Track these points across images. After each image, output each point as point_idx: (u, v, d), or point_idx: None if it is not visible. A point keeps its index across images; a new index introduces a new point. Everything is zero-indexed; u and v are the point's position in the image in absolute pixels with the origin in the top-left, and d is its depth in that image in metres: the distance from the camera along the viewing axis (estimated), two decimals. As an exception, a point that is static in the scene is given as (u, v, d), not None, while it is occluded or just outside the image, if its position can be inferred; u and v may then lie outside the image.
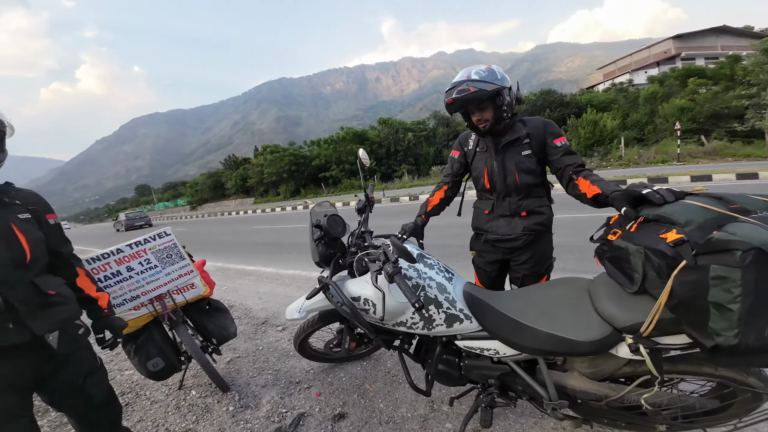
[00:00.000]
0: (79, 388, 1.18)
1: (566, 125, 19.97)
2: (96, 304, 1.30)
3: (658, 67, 28.90)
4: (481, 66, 1.37)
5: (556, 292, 1.18)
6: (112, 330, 1.34)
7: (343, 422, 1.62)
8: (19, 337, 1.00)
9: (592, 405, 1.08)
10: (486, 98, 1.32)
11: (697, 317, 0.76)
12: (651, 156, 15.28)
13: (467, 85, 1.32)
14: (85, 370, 1.21)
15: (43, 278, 1.10)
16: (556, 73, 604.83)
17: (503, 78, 1.36)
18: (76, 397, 1.19)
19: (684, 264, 0.75)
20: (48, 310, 1.06)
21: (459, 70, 1.43)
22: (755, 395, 0.96)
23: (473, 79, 1.32)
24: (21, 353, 1.03)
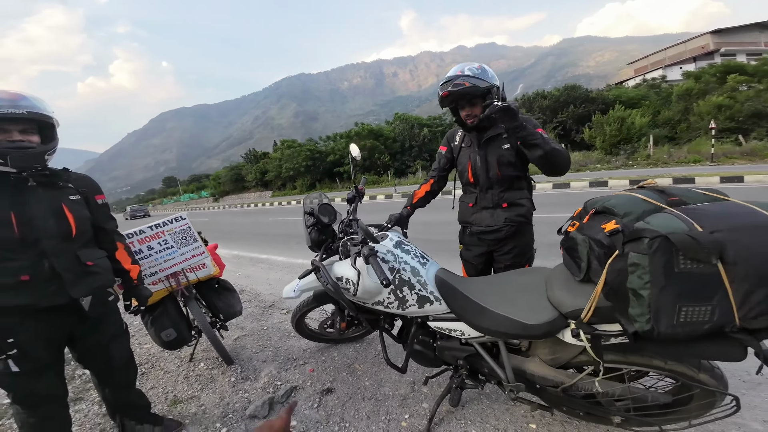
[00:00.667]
0: (104, 348, 1.37)
1: (591, 122, 19.13)
2: (128, 275, 1.48)
3: (695, 63, 27.01)
4: (473, 64, 1.46)
5: (519, 280, 1.25)
6: (138, 298, 1.54)
7: (329, 396, 1.76)
8: (59, 299, 1.18)
9: (550, 391, 1.15)
10: (478, 94, 1.40)
11: (623, 304, 0.81)
12: (682, 155, 14.40)
13: (462, 80, 1.39)
14: (111, 333, 1.39)
15: (85, 251, 1.27)
16: (584, 67, 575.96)
17: (493, 77, 1.44)
18: (100, 357, 1.38)
19: (617, 253, 0.81)
20: (85, 278, 1.24)
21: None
22: (708, 393, 0.97)
23: (467, 74, 1.40)
24: (59, 313, 1.20)
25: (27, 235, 1.12)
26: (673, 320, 0.75)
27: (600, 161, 16.08)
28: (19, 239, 1.11)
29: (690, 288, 0.73)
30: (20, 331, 1.13)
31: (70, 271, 1.19)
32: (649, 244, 0.73)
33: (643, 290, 0.75)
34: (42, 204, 1.17)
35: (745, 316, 0.72)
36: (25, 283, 1.12)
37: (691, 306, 0.73)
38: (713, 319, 0.74)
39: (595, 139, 18.21)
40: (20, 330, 1.13)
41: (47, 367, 1.22)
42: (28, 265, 1.13)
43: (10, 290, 1.10)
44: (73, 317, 1.25)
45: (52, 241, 1.16)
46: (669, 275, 0.73)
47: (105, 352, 1.38)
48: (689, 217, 0.75)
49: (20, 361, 1.13)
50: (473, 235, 1.67)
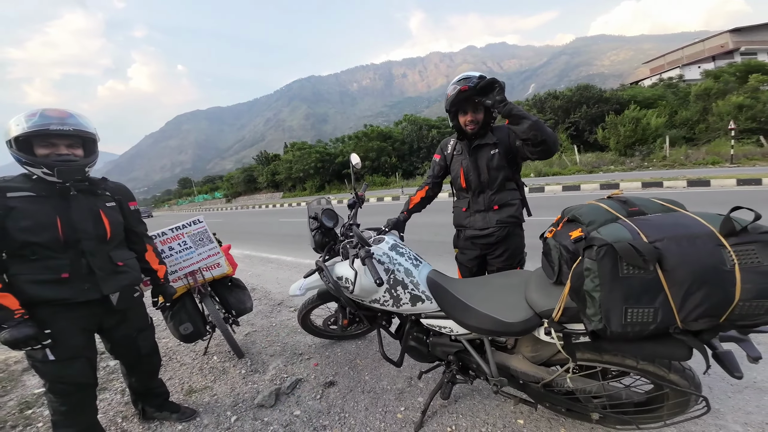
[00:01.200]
0: (133, 340, 1.52)
1: (604, 122, 18.71)
2: (156, 274, 1.64)
3: (714, 62, 26.07)
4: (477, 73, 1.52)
5: (502, 282, 1.34)
6: (165, 295, 1.70)
7: (332, 389, 1.88)
8: (93, 295, 1.32)
9: (532, 387, 1.23)
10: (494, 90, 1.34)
11: (582, 305, 0.89)
12: (700, 156, 13.96)
13: (477, 79, 1.41)
14: (139, 326, 1.55)
15: (117, 252, 1.42)
16: (598, 66, 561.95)
17: None
18: (130, 347, 1.53)
19: (579, 258, 0.89)
20: (116, 276, 1.39)
21: (489, 64, 1.61)
22: (680, 393, 1.03)
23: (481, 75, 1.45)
24: (91, 307, 1.34)
25: (69, 237, 1.26)
26: (622, 320, 0.83)
27: (614, 162, 15.74)
28: (62, 241, 1.25)
29: (634, 291, 0.81)
30: (57, 322, 1.25)
31: (103, 269, 1.34)
32: (597, 251, 0.82)
33: (595, 292, 0.84)
34: (83, 210, 1.32)
35: (686, 319, 0.79)
36: (65, 280, 1.25)
37: (636, 308, 0.81)
38: (657, 320, 0.81)
39: (609, 140, 17.81)
40: (57, 321, 1.25)
41: (80, 357, 1.34)
42: (69, 263, 1.27)
43: (52, 285, 1.24)
44: (103, 311, 1.39)
45: (90, 242, 1.31)
46: (614, 279, 0.81)
47: (134, 343, 1.53)
48: (638, 227, 0.83)
49: (56, 350, 1.24)
50: (467, 239, 1.76)
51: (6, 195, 1.21)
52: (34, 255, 1.22)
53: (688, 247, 0.78)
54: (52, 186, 1.27)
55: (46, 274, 1.23)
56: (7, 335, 1.14)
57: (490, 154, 1.61)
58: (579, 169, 15.46)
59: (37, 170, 1.23)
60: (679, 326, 0.81)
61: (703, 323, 0.78)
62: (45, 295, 1.23)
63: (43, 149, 1.24)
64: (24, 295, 1.20)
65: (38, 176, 1.24)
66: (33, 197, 1.24)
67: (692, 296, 0.77)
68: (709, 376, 1.59)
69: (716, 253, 0.76)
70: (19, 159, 1.23)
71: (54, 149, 1.25)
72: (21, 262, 1.22)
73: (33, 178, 1.26)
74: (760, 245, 0.75)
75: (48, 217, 1.24)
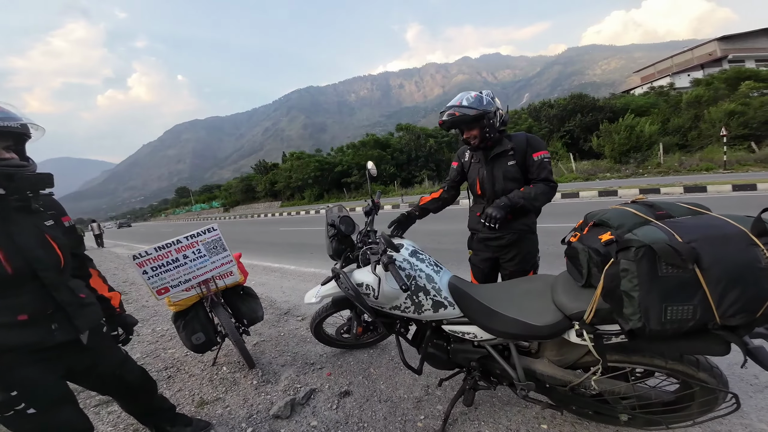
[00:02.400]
0: (118, 377, 1.32)
1: (599, 130, 19.08)
2: (109, 303, 1.37)
3: (703, 70, 26.85)
4: (471, 93, 1.65)
5: (526, 286, 1.35)
6: (124, 327, 1.43)
7: (347, 398, 1.85)
8: (63, 336, 1.08)
9: (559, 390, 1.23)
10: (471, 120, 1.59)
11: (619, 305, 0.91)
12: (694, 163, 14.22)
13: (454, 110, 1.60)
14: (119, 360, 1.34)
15: (74, 282, 1.18)
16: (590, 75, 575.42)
17: (489, 104, 1.61)
18: (117, 384, 1.34)
19: (612, 260, 0.91)
20: (83, 311, 1.15)
21: (484, 74, 1.72)
22: (708, 391, 1.04)
23: (462, 105, 1.60)
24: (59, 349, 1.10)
25: (19, 269, 0.99)
26: (661, 318, 0.84)
27: (609, 170, 15.97)
28: (11, 275, 0.98)
29: (673, 290, 0.83)
30: (22, 369, 1.02)
31: (71, 304, 1.11)
32: (635, 252, 0.84)
33: (633, 292, 0.86)
34: (27, 232, 1.04)
35: (723, 314, 0.81)
36: (23, 323, 1.01)
37: (675, 305, 0.83)
38: (696, 317, 0.83)
39: (604, 148, 18.12)
40: (22, 369, 1.02)
41: (66, 402, 1.15)
42: (28, 302, 1.02)
43: (11, 330, 1.00)
44: (73, 352, 1.16)
45: (48, 272, 1.05)
46: (653, 279, 0.83)
47: (121, 380, 1.34)
48: (671, 228, 0.86)
49: (34, 401, 1.02)
50: (480, 241, 1.83)
51: None
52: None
53: (722, 246, 0.80)
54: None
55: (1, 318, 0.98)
56: None
57: (508, 165, 1.68)
58: (575, 176, 15.66)
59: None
60: (717, 322, 0.82)
61: (740, 318, 0.80)
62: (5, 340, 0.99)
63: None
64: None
65: None
66: None
67: (729, 293, 0.79)
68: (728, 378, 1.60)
69: (750, 251, 0.79)
70: None
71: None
72: None
73: None
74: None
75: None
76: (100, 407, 2.05)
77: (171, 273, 1.90)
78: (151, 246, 1.86)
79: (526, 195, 1.60)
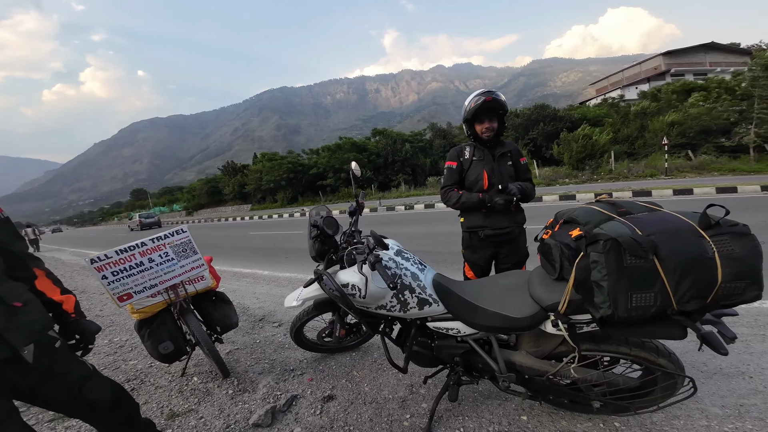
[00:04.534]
0: (79, 397, 1.12)
1: (559, 139, 20.50)
2: (61, 308, 1.19)
3: (649, 83, 29.91)
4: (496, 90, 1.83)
5: (505, 281, 1.42)
6: (82, 334, 1.23)
7: (331, 403, 1.81)
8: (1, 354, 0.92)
9: (537, 380, 1.30)
10: (502, 110, 1.78)
11: (590, 295, 0.99)
12: (640, 170, 15.78)
13: (498, 95, 1.74)
14: (79, 377, 1.13)
15: (5, 287, 0.99)
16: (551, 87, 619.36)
17: None
18: (80, 405, 1.14)
19: (582, 254, 0.99)
20: (19, 323, 0.96)
21: (456, 83, 1.83)
22: (668, 376, 1.16)
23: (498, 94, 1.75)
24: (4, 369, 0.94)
25: None
26: (627, 305, 0.93)
27: (568, 176, 17.26)
28: None
29: (637, 278, 0.92)
30: None
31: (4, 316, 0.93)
32: (603, 245, 0.93)
33: (603, 282, 0.94)
34: None
35: (680, 301, 0.91)
36: None
37: (639, 293, 0.92)
38: (657, 303, 0.92)
39: (563, 155, 19.52)
40: None
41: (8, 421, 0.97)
42: None
43: None
44: (15, 371, 0.98)
45: None
46: (620, 269, 0.92)
47: (82, 400, 1.13)
48: (632, 223, 0.96)
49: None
50: (482, 239, 1.91)
51: None
52: None
53: (677, 238, 0.90)
54: None
55: None
56: None
57: (507, 165, 1.86)
58: (538, 182, 16.73)
59: None
60: (674, 308, 0.92)
61: (694, 304, 0.90)
62: None
63: None
64: None
65: None
66: None
67: (684, 280, 0.89)
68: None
69: (698, 243, 0.89)
70: None
71: None
72: None
73: None
74: (731, 236, 0.89)
75: None
76: (55, 422, 1.83)
77: (134, 278, 1.74)
78: (111, 249, 1.70)
79: (527, 188, 1.86)
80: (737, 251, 0.87)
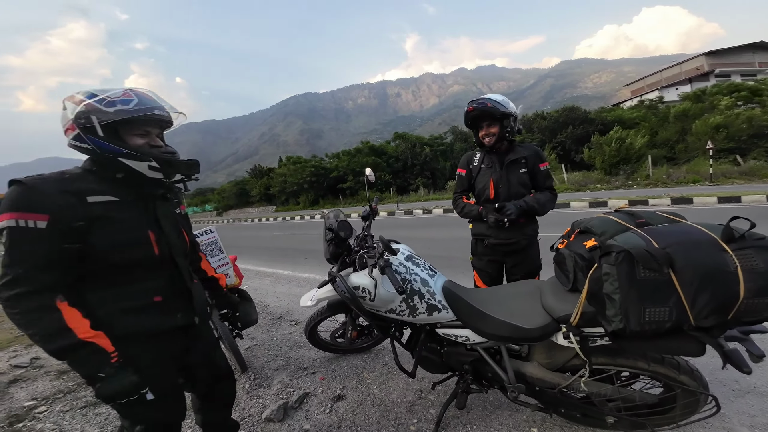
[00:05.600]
0: (211, 359, 1.28)
1: (590, 142, 19.52)
2: (217, 283, 1.43)
3: (690, 84, 27.84)
4: (498, 94, 1.76)
5: (516, 290, 1.39)
6: (231, 306, 1.50)
7: (341, 402, 1.86)
8: (183, 320, 1.10)
9: (549, 393, 1.26)
10: (497, 116, 1.68)
11: (602, 307, 0.96)
12: (681, 175, 14.64)
13: (486, 101, 1.69)
14: (212, 341, 1.32)
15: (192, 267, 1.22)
16: (582, 88, 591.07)
17: (513, 109, 1.73)
18: (209, 368, 1.27)
19: (596, 265, 0.96)
20: (200, 295, 1.19)
21: (479, 86, 1.81)
22: (690, 393, 1.09)
23: (492, 99, 1.70)
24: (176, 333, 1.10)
25: (164, 252, 1.04)
26: (640, 319, 0.89)
27: (600, 181, 16.32)
28: (158, 257, 1.03)
29: (650, 292, 0.88)
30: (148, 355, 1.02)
31: (193, 288, 1.14)
32: (616, 257, 0.90)
33: (614, 294, 0.91)
34: (168, 218, 1.10)
35: (697, 316, 0.86)
36: (157, 304, 1.03)
37: (653, 307, 0.88)
38: (672, 318, 0.88)
39: (595, 160, 18.52)
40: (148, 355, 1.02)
41: (176, 392, 1.14)
42: (163, 285, 1.05)
43: (142, 313, 1.00)
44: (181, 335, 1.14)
45: (180, 258, 1.11)
46: (632, 282, 0.88)
47: (213, 362, 1.29)
48: (649, 235, 0.92)
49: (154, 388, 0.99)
50: (488, 247, 1.86)
51: (86, 200, 0.92)
52: (123, 276, 0.98)
53: (694, 251, 0.86)
54: (137, 189, 1.03)
55: (136, 301, 1.00)
56: (108, 388, 0.87)
57: (520, 172, 1.77)
58: (567, 187, 15.98)
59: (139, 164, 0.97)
60: (692, 323, 0.87)
61: (713, 320, 0.85)
62: (136, 326, 0.99)
63: (139, 138, 1.00)
64: (111, 329, 0.94)
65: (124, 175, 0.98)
66: (117, 203, 0.97)
67: (701, 295, 0.84)
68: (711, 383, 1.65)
69: (719, 256, 0.85)
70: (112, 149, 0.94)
71: (149, 139, 1.02)
72: (105, 287, 0.96)
73: (118, 177, 0.98)
74: (756, 250, 0.84)
75: (140, 228, 1.01)
76: (87, 408, 2.02)
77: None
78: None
79: (539, 200, 1.75)
80: (762, 266, 0.82)
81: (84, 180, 0.96)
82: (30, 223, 0.85)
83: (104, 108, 0.93)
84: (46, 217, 0.86)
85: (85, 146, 0.96)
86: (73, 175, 0.97)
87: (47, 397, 2.18)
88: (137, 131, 1.00)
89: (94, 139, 0.94)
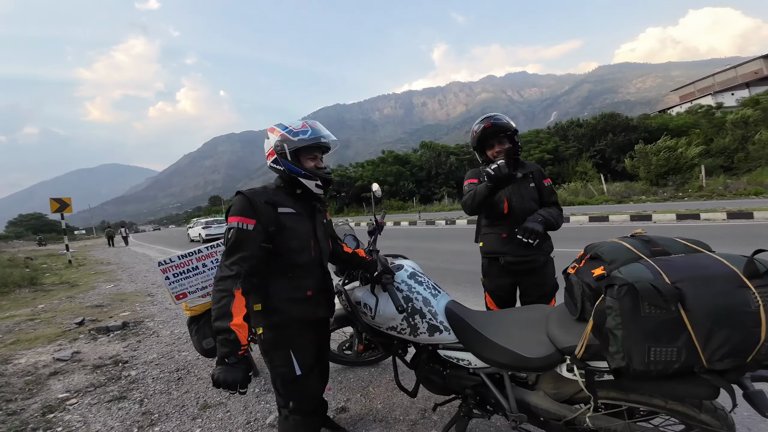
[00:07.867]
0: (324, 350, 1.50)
1: (633, 151, 18.03)
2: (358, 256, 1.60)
3: (749, 89, 25.03)
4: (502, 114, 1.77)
5: (523, 316, 1.31)
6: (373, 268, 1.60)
7: (343, 414, 1.85)
8: (323, 312, 1.35)
9: (553, 424, 1.17)
10: (510, 132, 1.70)
11: (605, 342, 0.87)
12: (741, 186, 13.06)
13: (501, 117, 1.70)
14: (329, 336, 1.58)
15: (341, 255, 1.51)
16: (623, 94, 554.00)
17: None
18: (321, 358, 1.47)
19: (602, 296, 0.88)
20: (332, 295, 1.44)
21: (509, 93, 1.78)
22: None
23: (501, 115, 1.71)
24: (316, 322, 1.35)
25: (317, 257, 1.30)
26: (644, 359, 0.80)
27: (645, 192, 15.01)
28: (314, 261, 1.28)
29: (656, 330, 0.79)
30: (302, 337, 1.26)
31: (332, 287, 1.42)
32: (618, 290, 0.81)
33: (616, 330, 0.82)
34: (321, 228, 1.35)
35: (710, 358, 0.76)
36: (309, 298, 1.26)
37: (659, 347, 0.79)
38: (681, 359, 0.78)
39: (639, 169, 17.09)
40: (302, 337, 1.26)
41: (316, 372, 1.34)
42: (314, 282, 1.29)
43: (299, 304, 1.24)
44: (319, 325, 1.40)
45: (326, 261, 1.37)
46: (635, 318, 0.80)
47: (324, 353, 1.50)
48: (660, 267, 0.82)
49: (302, 365, 1.23)
50: (503, 267, 1.74)
51: (278, 210, 1.19)
52: (291, 274, 1.23)
53: (705, 287, 0.76)
54: (308, 203, 1.31)
55: (296, 293, 1.24)
56: (223, 375, 1.00)
57: (529, 187, 1.74)
58: (606, 198, 14.87)
59: (310, 182, 1.23)
60: (704, 365, 0.77)
61: (728, 363, 0.75)
62: (298, 313, 1.24)
63: (310, 161, 1.25)
64: (279, 314, 1.20)
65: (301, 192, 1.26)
66: (294, 215, 1.24)
67: (715, 336, 0.75)
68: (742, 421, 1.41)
69: (738, 294, 0.75)
70: (296, 170, 1.21)
71: (316, 162, 1.28)
72: (280, 281, 1.22)
73: (297, 192, 1.26)
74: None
75: (307, 236, 1.27)
76: (112, 402, 2.19)
77: (190, 280, 2.04)
78: (174, 254, 2.02)
79: (552, 214, 1.67)
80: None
81: (277, 194, 1.25)
82: (247, 225, 1.13)
83: (291, 137, 1.21)
84: (254, 222, 1.14)
85: (279, 168, 1.24)
86: (270, 189, 1.27)
87: (80, 390, 2.39)
88: (309, 155, 1.26)
89: (286, 162, 1.22)
